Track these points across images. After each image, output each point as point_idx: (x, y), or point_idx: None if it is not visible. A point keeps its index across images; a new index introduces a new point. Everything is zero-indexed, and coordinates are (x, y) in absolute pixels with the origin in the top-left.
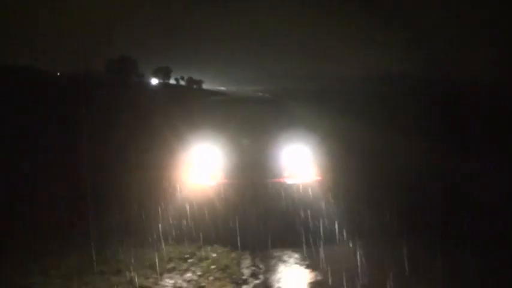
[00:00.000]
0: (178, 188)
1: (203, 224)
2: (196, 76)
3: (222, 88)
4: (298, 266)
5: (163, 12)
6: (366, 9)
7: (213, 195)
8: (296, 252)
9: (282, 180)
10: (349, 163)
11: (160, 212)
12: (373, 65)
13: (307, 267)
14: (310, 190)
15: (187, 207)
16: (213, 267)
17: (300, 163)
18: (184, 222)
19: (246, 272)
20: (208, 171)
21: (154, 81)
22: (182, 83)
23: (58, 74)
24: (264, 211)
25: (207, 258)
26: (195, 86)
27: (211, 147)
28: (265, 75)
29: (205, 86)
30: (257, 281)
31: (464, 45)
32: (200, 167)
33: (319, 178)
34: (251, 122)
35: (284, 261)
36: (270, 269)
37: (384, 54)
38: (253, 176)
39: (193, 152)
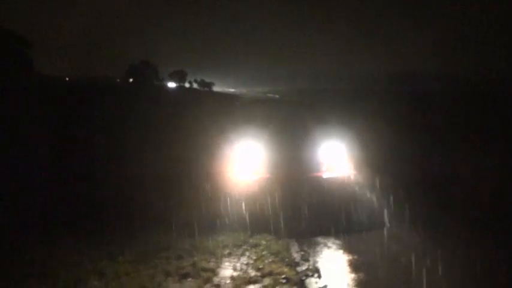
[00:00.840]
0: (226, 182)
1: (250, 215)
2: (206, 78)
3: (232, 90)
4: (340, 250)
5: (172, 15)
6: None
7: (257, 189)
8: (337, 239)
9: (319, 174)
10: (381, 159)
11: (211, 204)
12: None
13: (348, 251)
14: (345, 183)
15: (236, 200)
16: (265, 252)
17: (335, 158)
18: (234, 213)
19: (296, 256)
20: (252, 166)
21: (171, 84)
22: (195, 85)
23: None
24: (305, 203)
25: (258, 245)
26: (206, 89)
27: (254, 145)
28: (273, 76)
29: (215, 89)
30: (308, 263)
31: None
32: (245, 163)
33: (354, 172)
34: (289, 122)
35: (328, 247)
36: (316, 254)
37: (407, 51)
38: (293, 171)
39: (238, 150)
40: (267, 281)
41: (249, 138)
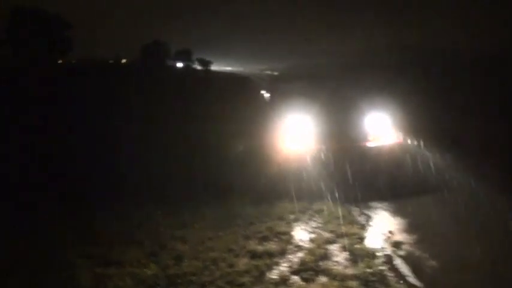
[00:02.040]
0: (280, 154)
1: (307, 184)
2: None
3: (229, 68)
4: (397, 212)
5: None
6: None
7: (311, 159)
8: (392, 203)
9: (367, 143)
10: (426, 127)
11: (269, 175)
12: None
13: (404, 213)
14: (393, 150)
15: (292, 170)
16: (331, 217)
17: (381, 127)
18: (291, 183)
19: (360, 218)
20: (304, 138)
21: (178, 64)
22: (196, 65)
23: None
24: (356, 171)
25: (321, 211)
26: (203, 68)
27: (304, 118)
28: (268, 54)
29: (212, 67)
30: (373, 224)
31: None
32: (297, 135)
33: (399, 141)
34: (334, 96)
35: (385, 210)
36: (377, 216)
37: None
38: (342, 141)
39: (290, 123)
40: (343, 241)
41: (299, 112)
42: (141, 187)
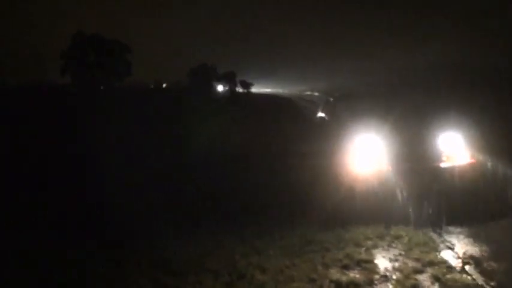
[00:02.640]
0: (350, 176)
1: (380, 207)
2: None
3: (268, 90)
4: (477, 239)
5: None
6: None
7: (381, 181)
8: (470, 228)
9: (439, 164)
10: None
11: (340, 198)
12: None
13: (484, 240)
14: (466, 172)
15: (363, 192)
16: (411, 243)
17: (453, 148)
18: (363, 205)
19: (443, 246)
20: (374, 159)
21: (220, 87)
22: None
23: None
24: (429, 193)
25: (400, 236)
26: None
27: (373, 138)
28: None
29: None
30: (457, 251)
31: None
32: (367, 156)
33: (473, 160)
34: (403, 115)
35: (465, 236)
36: (459, 243)
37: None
38: (414, 162)
39: (360, 143)
40: (432, 270)
41: (368, 132)
42: (206, 212)
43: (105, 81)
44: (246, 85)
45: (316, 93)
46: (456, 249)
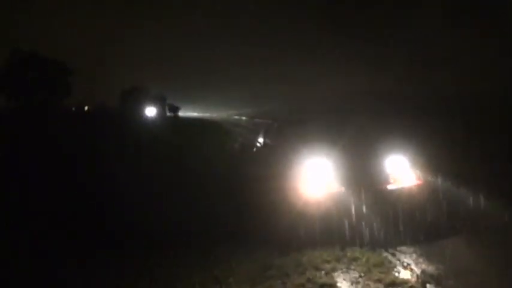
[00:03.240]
0: (301, 199)
1: (330, 230)
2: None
3: (195, 114)
4: (430, 258)
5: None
6: None
7: (330, 203)
8: (421, 247)
9: (387, 186)
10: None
11: (292, 221)
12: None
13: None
14: (414, 193)
15: (312, 215)
16: (369, 264)
17: (400, 170)
18: (314, 228)
19: (399, 266)
20: (325, 182)
21: (149, 110)
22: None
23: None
24: (379, 214)
25: (357, 258)
26: (172, 114)
27: (321, 162)
28: (234, 99)
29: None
30: (414, 271)
31: None
32: (314, 179)
33: (420, 182)
34: (352, 138)
35: (420, 255)
36: (415, 263)
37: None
38: (363, 184)
39: (309, 166)
40: None
41: (314, 155)
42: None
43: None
44: (174, 109)
45: (244, 117)
46: (413, 268)
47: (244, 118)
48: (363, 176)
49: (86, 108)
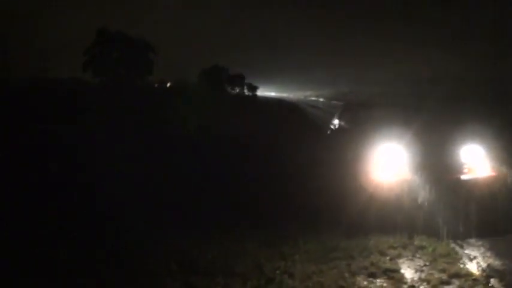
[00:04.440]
0: (372, 184)
1: (400, 217)
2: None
3: (273, 94)
4: (500, 252)
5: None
6: None
7: (401, 191)
8: (491, 240)
9: (460, 176)
10: None
11: (361, 206)
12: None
13: (506, 254)
14: (488, 184)
15: (382, 200)
16: (436, 254)
17: (475, 160)
18: (381, 214)
19: (466, 258)
20: (397, 168)
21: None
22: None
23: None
24: (450, 204)
25: (424, 247)
26: (250, 93)
27: (395, 148)
28: (312, 80)
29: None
30: (481, 264)
31: None
32: (388, 165)
33: (495, 173)
34: (427, 125)
35: (488, 249)
36: (482, 256)
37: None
38: (436, 173)
39: (380, 152)
40: (458, 281)
41: (389, 141)
42: (226, 215)
43: (127, 79)
44: (253, 88)
45: (321, 99)
46: (479, 262)
47: (321, 100)
48: (436, 163)
49: (168, 84)
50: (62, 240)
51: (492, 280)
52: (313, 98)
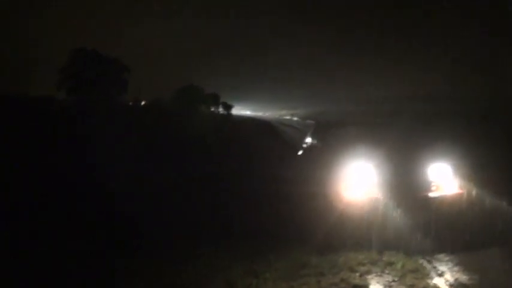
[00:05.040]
0: (341, 201)
1: (369, 233)
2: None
3: (248, 112)
4: (467, 267)
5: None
6: None
7: (371, 208)
8: (458, 256)
9: (428, 193)
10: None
11: (331, 222)
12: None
13: (473, 269)
14: (456, 201)
15: (352, 218)
16: (404, 269)
17: (442, 178)
18: (351, 231)
19: (433, 273)
20: (367, 186)
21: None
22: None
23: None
24: (418, 221)
25: (393, 263)
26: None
27: (364, 166)
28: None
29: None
30: (449, 280)
31: None
32: (357, 183)
33: (462, 191)
34: (396, 143)
35: (456, 264)
36: (450, 271)
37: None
38: (404, 191)
39: (349, 170)
40: None
41: (358, 159)
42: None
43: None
44: (227, 107)
45: (295, 118)
46: (447, 277)
47: (295, 119)
48: (405, 181)
49: (143, 103)
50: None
51: None
52: (288, 117)
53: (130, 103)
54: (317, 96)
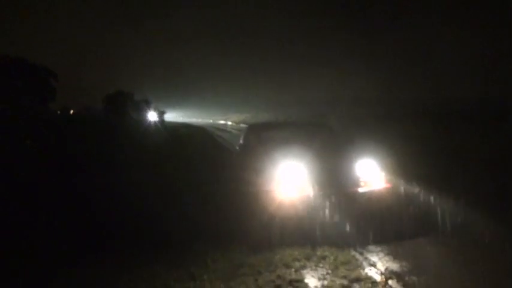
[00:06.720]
0: (274, 200)
1: (302, 230)
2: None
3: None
4: (396, 256)
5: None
6: None
7: (303, 206)
8: (388, 246)
9: (356, 188)
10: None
11: (265, 221)
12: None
13: (401, 257)
14: (383, 196)
15: (285, 216)
16: (337, 262)
17: (370, 174)
18: (285, 229)
19: (365, 263)
20: (295, 185)
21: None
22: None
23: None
24: (349, 216)
25: (326, 257)
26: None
27: (294, 165)
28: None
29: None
30: (380, 268)
31: None
32: (287, 182)
33: (389, 185)
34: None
35: (386, 254)
36: (381, 260)
37: None
38: (334, 187)
39: (282, 169)
40: (358, 285)
41: (288, 159)
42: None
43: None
44: (160, 113)
45: (230, 122)
46: (378, 266)
47: (229, 123)
48: (334, 178)
49: (72, 111)
50: None
51: (390, 282)
52: (222, 122)
53: (59, 112)
54: (249, 101)
